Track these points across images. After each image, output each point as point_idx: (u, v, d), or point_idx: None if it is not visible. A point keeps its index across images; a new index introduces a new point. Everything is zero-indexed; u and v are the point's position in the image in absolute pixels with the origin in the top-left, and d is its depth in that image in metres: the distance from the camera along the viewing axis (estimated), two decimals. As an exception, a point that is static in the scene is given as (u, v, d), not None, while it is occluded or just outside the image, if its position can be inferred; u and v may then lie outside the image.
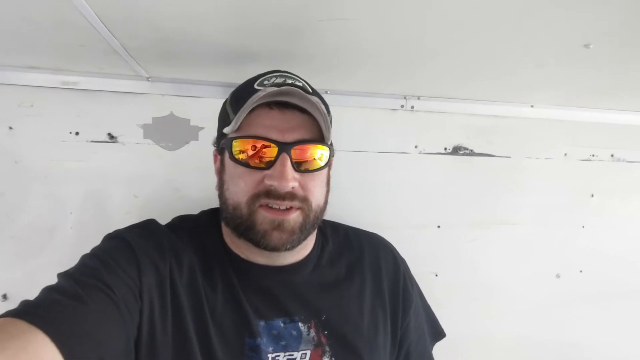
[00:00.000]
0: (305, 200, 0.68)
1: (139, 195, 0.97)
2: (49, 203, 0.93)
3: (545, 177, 1.22)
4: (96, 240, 0.69)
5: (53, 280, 0.59)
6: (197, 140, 0.99)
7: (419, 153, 1.13)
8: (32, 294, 0.55)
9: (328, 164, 0.71)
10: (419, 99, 1.11)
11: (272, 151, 0.65)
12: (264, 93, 0.63)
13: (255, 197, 0.66)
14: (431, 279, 1.14)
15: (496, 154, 1.18)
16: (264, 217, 0.66)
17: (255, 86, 0.68)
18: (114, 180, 0.96)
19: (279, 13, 0.62)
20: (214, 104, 0.94)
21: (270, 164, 0.65)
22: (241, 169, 0.67)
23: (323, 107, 0.65)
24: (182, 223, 0.78)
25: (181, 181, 0.99)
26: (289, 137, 0.65)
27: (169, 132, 0.98)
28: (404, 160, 1.12)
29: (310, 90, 0.71)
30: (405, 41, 0.73)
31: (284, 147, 0.64)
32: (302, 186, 0.67)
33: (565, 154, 1.24)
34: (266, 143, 0.65)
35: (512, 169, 1.20)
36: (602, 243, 1.27)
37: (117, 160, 0.95)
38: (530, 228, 1.22)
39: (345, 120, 1.05)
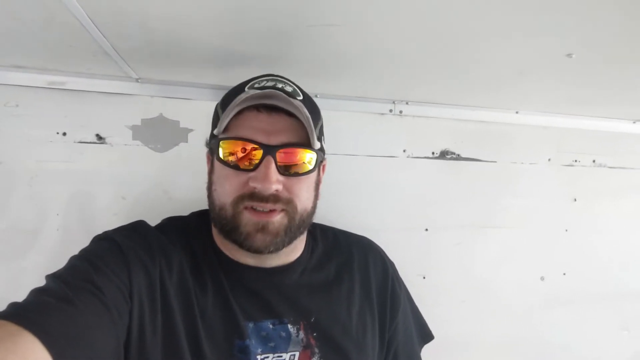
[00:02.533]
0: (289, 202, 0.68)
1: (127, 197, 0.96)
2: (34, 204, 0.92)
3: (530, 181, 1.25)
4: (83, 242, 0.68)
5: (39, 282, 0.58)
6: (187, 142, 0.99)
7: (407, 157, 1.15)
8: (16, 296, 0.54)
9: (317, 168, 0.72)
10: (407, 103, 1.12)
11: (257, 153, 0.65)
12: (246, 95, 0.64)
13: (240, 198, 0.66)
14: (419, 281, 1.16)
15: (482, 159, 1.21)
16: (248, 219, 0.67)
17: (246, 89, 0.69)
18: (101, 182, 0.95)
19: (269, 18, 0.63)
20: (204, 106, 0.95)
21: (255, 166, 0.65)
22: (227, 170, 0.67)
23: (306, 111, 0.65)
24: (172, 224, 0.77)
25: (170, 183, 0.98)
26: (274, 140, 0.66)
27: (158, 133, 0.97)
28: (392, 164, 1.13)
29: (301, 95, 0.71)
30: (394, 48, 0.74)
31: (269, 149, 0.65)
32: (288, 189, 0.67)
33: (549, 159, 1.27)
34: (252, 145, 0.65)
35: (498, 173, 1.22)
36: (585, 246, 1.30)
37: (105, 162, 0.95)
38: (516, 231, 1.24)
39: (334, 124, 1.05)
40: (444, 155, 1.17)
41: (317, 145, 0.69)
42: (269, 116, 0.67)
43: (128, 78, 0.93)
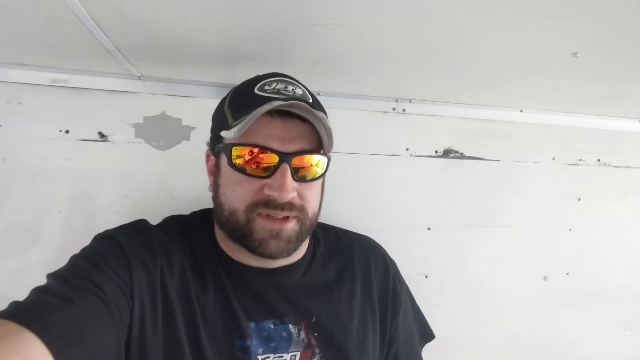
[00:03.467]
0: (302, 209, 0.68)
1: (129, 195, 0.96)
2: (37, 202, 0.92)
3: (533, 180, 1.24)
4: (85, 240, 0.68)
5: (41, 280, 0.58)
6: (189, 140, 0.99)
7: (410, 155, 1.14)
8: (18, 293, 0.55)
9: (325, 171, 0.71)
10: (410, 102, 1.12)
11: (272, 160, 0.65)
12: (270, 107, 0.62)
13: (254, 205, 0.66)
14: (421, 280, 1.15)
15: (486, 158, 1.20)
16: (262, 226, 0.66)
17: (256, 91, 0.67)
18: (104, 180, 0.95)
19: (273, 17, 0.62)
20: (206, 104, 0.94)
21: (270, 174, 0.65)
22: (239, 175, 0.66)
23: (328, 122, 0.65)
24: (174, 223, 0.77)
25: (172, 181, 0.98)
26: (289, 147, 0.65)
27: (160, 131, 0.97)
28: (395, 163, 1.13)
29: (310, 97, 0.71)
30: (397, 47, 0.74)
31: (285, 157, 0.64)
32: (300, 195, 0.67)
33: (554, 158, 1.26)
34: (267, 152, 0.65)
35: (502, 172, 1.21)
36: (588, 246, 1.30)
37: (108, 159, 0.95)
38: (519, 230, 1.23)
39: (337, 122, 1.03)
40: (447, 153, 1.17)
41: (330, 151, 0.69)
42: (282, 122, 0.66)
43: (130, 76, 0.93)
